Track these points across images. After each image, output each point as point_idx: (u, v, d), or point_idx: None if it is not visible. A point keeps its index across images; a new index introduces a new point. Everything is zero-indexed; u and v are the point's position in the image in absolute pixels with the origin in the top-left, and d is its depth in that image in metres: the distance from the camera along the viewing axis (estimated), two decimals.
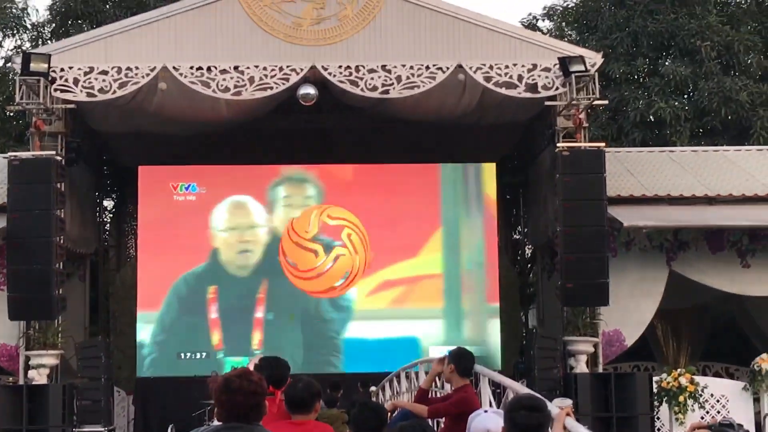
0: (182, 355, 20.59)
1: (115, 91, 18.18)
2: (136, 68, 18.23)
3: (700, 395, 18.48)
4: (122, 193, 24.04)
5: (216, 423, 5.08)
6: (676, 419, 18.33)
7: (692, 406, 18.31)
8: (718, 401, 19.00)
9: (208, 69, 18.35)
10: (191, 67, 18.28)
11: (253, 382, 4.90)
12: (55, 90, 18.01)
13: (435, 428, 9.43)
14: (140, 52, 18.45)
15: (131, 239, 23.15)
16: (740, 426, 3.71)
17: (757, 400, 19.07)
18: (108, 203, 25.35)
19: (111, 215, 25.18)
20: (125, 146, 21.57)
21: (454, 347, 8.84)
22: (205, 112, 19.08)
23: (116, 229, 24.13)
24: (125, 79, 18.18)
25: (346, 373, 19.39)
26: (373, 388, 16.61)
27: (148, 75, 18.21)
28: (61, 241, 17.95)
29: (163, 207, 20.90)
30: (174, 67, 18.22)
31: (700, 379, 18.92)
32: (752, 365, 19.08)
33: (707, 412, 18.69)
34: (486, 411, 6.13)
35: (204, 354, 20.52)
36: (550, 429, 5.39)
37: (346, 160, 21.57)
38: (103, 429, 18.32)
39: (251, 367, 5.67)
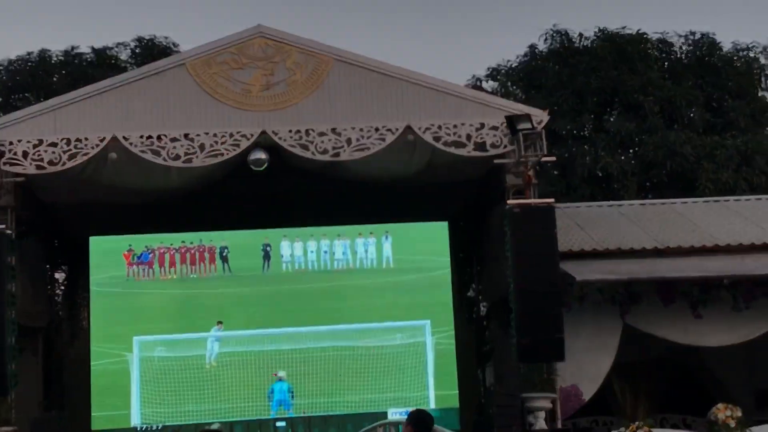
0: (140, 428, 20.39)
1: (64, 163, 18.10)
2: (86, 139, 18.18)
3: None
4: (74, 264, 23.83)
5: None
6: None
7: None
8: None
9: (159, 137, 18.36)
10: (141, 136, 18.28)
11: None
12: (4, 164, 17.91)
13: None
14: (90, 123, 18.41)
15: (84, 311, 22.90)
16: None
17: None
18: (59, 275, 25.10)
19: (63, 287, 24.93)
20: (76, 217, 21.43)
21: (412, 408, 8.84)
22: (157, 180, 19.07)
23: (68, 302, 23.87)
24: (75, 151, 18.12)
25: None
26: None
27: (97, 145, 18.16)
28: (13, 316, 17.73)
29: (115, 277, 20.79)
30: (124, 137, 18.21)
31: None
32: (709, 415, 19.18)
33: None
34: None
35: (160, 425, 20.33)
36: None
37: (301, 223, 21.62)
38: None
39: None
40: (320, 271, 21.89)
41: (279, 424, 20.74)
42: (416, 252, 21.83)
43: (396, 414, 19.09)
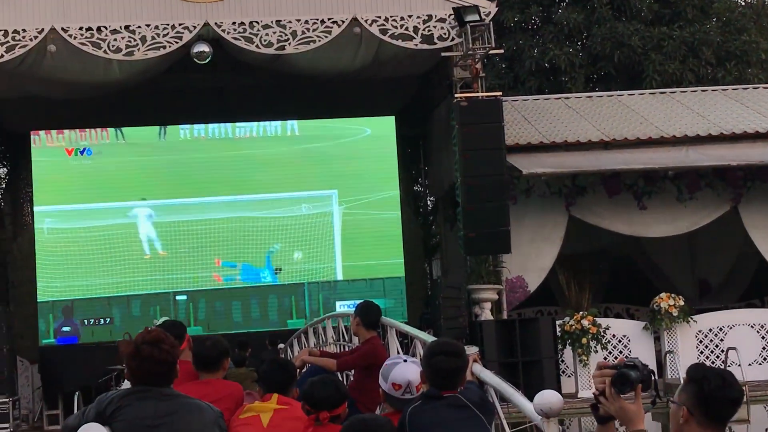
0: (85, 321, 20.31)
1: (2, 55, 17.69)
2: (24, 31, 17.74)
3: (603, 336, 18.86)
4: (15, 159, 23.42)
5: (127, 385, 5.03)
6: (580, 361, 18.70)
7: (595, 347, 18.69)
8: (620, 341, 19.45)
9: (99, 29, 17.95)
10: (81, 28, 17.86)
11: (164, 350, 4.85)
12: None
13: (344, 382, 9.48)
14: (28, 15, 17.93)
15: (27, 206, 22.60)
16: (645, 366, 3.77)
17: (657, 339, 19.57)
18: (1, 170, 24.70)
19: (5, 183, 24.54)
20: (16, 112, 21.01)
21: (360, 301, 8.87)
22: (98, 74, 18.69)
23: (11, 197, 23.51)
24: (13, 43, 17.69)
25: (253, 331, 19.30)
26: (281, 345, 16.61)
27: (36, 37, 17.74)
28: None
29: (57, 173, 20.51)
30: (63, 29, 17.78)
31: (602, 321, 19.31)
32: (652, 305, 19.54)
33: (610, 353, 19.11)
34: (405, 360, 6.15)
35: (107, 320, 20.28)
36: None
37: (243, 118, 21.38)
38: (6, 399, 18.03)
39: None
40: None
41: (179, 297, 20.65)
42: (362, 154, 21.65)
43: (343, 306, 19.24)
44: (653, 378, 3.78)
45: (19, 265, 21.45)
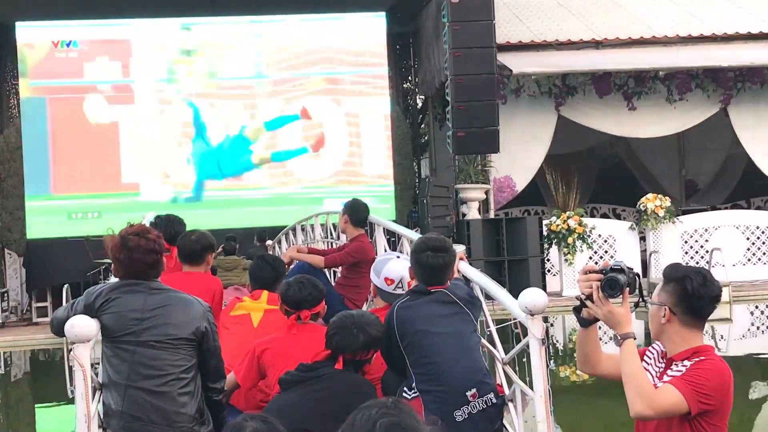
0: (73, 215, 20.31)
1: None
2: None
3: (589, 236, 19.00)
4: (0, 51, 23.15)
5: (114, 280, 5.07)
6: (566, 260, 18.86)
7: (581, 247, 18.84)
8: (605, 241, 19.60)
9: None
10: None
11: (150, 240, 4.87)
12: None
13: (332, 279, 9.56)
14: None
15: (13, 99, 22.41)
16: (630, 269, 3.81)
17: (643, 239, 19.74)
18: None
19: None
20: (1, 2, 20.65)
21: (348, 199, 8.88)
22: None
23: None
24: None
25: (241, 228, 19.33)
26: (269, 242, 16.68)
27: None
28: None
29: (44, 64, 20.31)
30: None
31: (588, 221, 19.42)
32: (638, 205, 19.64)
33: (595, 252, 19.29)
34: (398, 257, 6.21)
35: (95, 213, 20.27)
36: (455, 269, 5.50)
37: (226, 12, 21.07)
38: None
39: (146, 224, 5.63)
40: None
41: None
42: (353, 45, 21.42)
43: (333, 205, 19.28)
44: (638, 281, 3.82)
45: (7, 158, 21.36)
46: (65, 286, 17.17)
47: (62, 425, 11.35)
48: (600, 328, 4.03)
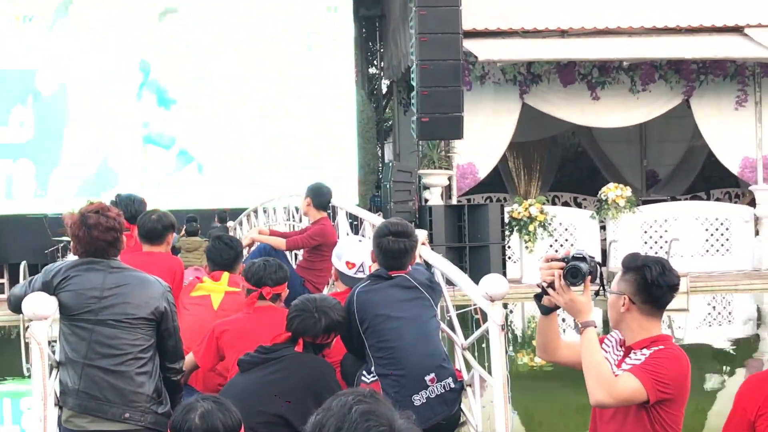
0: (35, 192, 20.12)
1: None
2: None
3: (550, 224, 19.10)
4: None
5: (73, 258, 5.03)
6: (526, 247, 18.97)
7: (542, 234, 18.94)
8: (566, 230, 19.71)
9: None
10: None
11: (110, 217, 4.83)
12: None
13: (294, 261, 9.55)
14: None
15: None
16: (592, 258, 3.83)
17: (603, 228, 19.86)
18: None
19: None
20: None
21: (311, 183, 8.87)
22: None
23: None
24: None
25: (203, 209, 19.24)
26: (230, 223, 16.62)
27: None
28: None
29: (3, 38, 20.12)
30: None
31: (549, 209, 19.53)
32: (599, 194, 19.77)
33: (556, 240, 19.39)
34: (360, 240, 6.20)
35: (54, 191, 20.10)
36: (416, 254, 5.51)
37: None
38: None
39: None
40: None
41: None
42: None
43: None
44: (599, 270, 3.85)
45: None
46: (22, 263, 17.01)
47: (17, 402, 11.27)
48: (560, 315, 4.05)
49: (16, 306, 4.83)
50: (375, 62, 26.03)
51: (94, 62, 20.29)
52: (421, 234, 5.79)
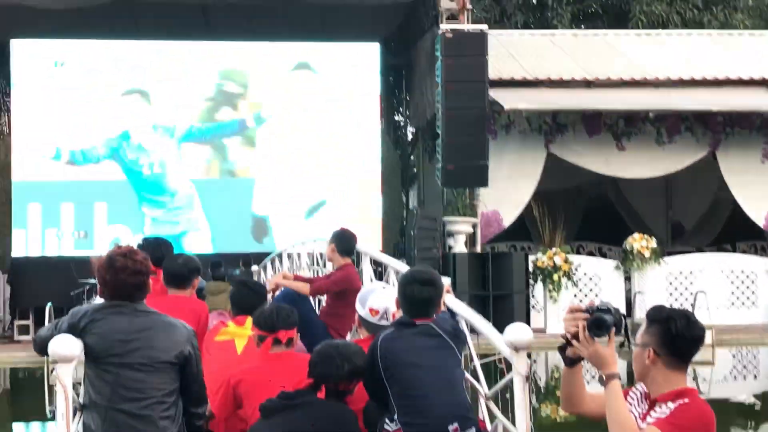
0: (59, 233, 20.25)
1: None
2: None
3: (574, 274, 19.03)
4: None
5: (99, 301, 5.05)
6: (550, 297, 18.89)
7: (566, 284, 18.87)
8: (591, 279, 19.64)
9: None
10: None
11: (137, 261, 4.87)
12: None
13: (317, 307, 9.55)
14: None
15: (4, 116, 22.41)
16: (617, 309, 3.82)
17: (628, 279, 19.76)
18: None
19: None
20: None
21: (336, 229, 8.88)
22: None
23: None
24: None
25: (227, 253, 19.28)
26: (254, 268, 16.64)
27: None
28: None
29: (38, 83, 20.30)
30: None
31: (574, 259, 19.47)
32: (624, 245, 19.69)
33: (580, 290, 19.32)
34: (384, 287, 6.19)
35: (82, 233, 20.22)
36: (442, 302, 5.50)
37: (226, 37, 21.15)
38: None
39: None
40: None
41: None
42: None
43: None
44: (624, 321, 3.83)
45: None
46: (48, 305, 17.09)
47: None
48: (584, 366, 4.04)
49: (41, 348, 4.86)
50: (401, 109, 26.14)
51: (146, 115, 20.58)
52: (445, 281, 5.79)
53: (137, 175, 20.53)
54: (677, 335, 3.74)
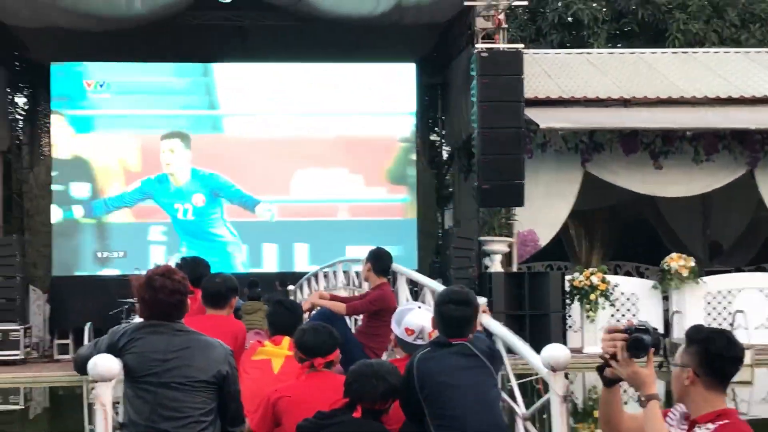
0: (99, 254, 20.46)
1: None
2: None
3: (611, 294, 18.93)
4: (35, 90, 23.43)
5: (138, 320, 5.09)
6: (587, 317, 18.78)
7: (603, 304, 18.76)
8: (628, 299, 19.52)
9: None
10: None
11: (175, 280, 4.90)
12: None
13: (353, 326, 9.55)
14: None
15: (45, 137, 22.67)
16: (655, 329, 3.80)
17: (665, 298, 19.62)
18: (21, 100, 24.65)
19: (24, 112, 24.54)
20: (38, 42, 20.95)
21: (372, 247, 8.89)
22: (120, 7, 18.64)
23: (29, 127, 23.56)
24: None
25: (264, 273, 19.37)
26: (290, 287, 16.68)
27: None
28: None
29: (77, 105, 20.54)
30: None
31: (611, 278, 19.36)
32: (662, 264, 19.57)
33: (617, 310, 19.20)
34: (419, 307, 6.18)
35: (122, 253, 20.40)
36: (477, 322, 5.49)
37: (264, 59, 21.30)
38: (18, 327, 18.24)
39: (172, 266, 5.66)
40: None
41: None
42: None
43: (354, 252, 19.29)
44: (662, 342, 3.81)
45: (35, 195, 21.58)
46: (87, 324, 17.23)
47: None
48: (622, 386, 4.02)
49: (81, 367, 4.90)
50: (436, 129, 26.17)
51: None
52: (481, 301, 5.78)
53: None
54: (717, 355, 3.72)
